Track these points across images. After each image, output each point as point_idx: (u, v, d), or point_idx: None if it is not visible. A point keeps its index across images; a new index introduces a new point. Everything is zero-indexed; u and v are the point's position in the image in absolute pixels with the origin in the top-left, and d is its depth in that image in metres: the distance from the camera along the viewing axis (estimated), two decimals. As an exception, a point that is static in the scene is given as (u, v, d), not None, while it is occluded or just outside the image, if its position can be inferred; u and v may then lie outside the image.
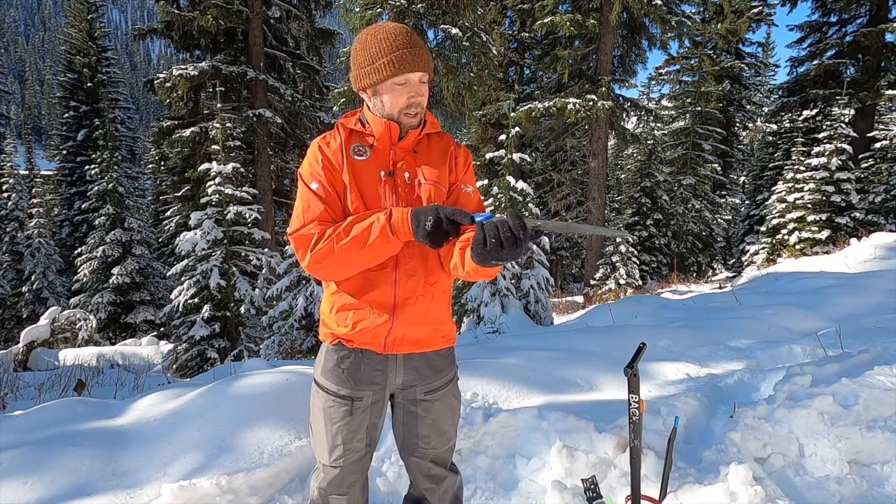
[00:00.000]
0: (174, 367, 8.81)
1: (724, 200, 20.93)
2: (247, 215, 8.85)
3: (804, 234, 12.26)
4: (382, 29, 1.45)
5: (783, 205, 12.84)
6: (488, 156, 9.88)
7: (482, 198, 9.57)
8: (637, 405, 1.85)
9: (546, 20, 13.03)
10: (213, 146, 9.24)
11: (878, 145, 14.92)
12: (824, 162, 12.23)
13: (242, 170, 9.36)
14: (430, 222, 1.30)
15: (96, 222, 16.22)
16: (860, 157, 14.75)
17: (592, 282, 14.14)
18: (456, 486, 1.77)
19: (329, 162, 1.48)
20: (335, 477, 1.61)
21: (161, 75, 12.06)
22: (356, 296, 1.49)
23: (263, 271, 9.01)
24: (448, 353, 1.65)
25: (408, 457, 1.69)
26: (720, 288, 10.49)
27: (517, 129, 10.74)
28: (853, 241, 10.47)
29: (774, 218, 13.03)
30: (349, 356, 1.54)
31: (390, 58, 1.41)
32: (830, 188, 12.15)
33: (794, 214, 12.49)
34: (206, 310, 8.49)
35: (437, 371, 1.60)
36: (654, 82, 28.98)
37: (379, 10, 9.22)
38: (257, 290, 8.80)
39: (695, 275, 18.00)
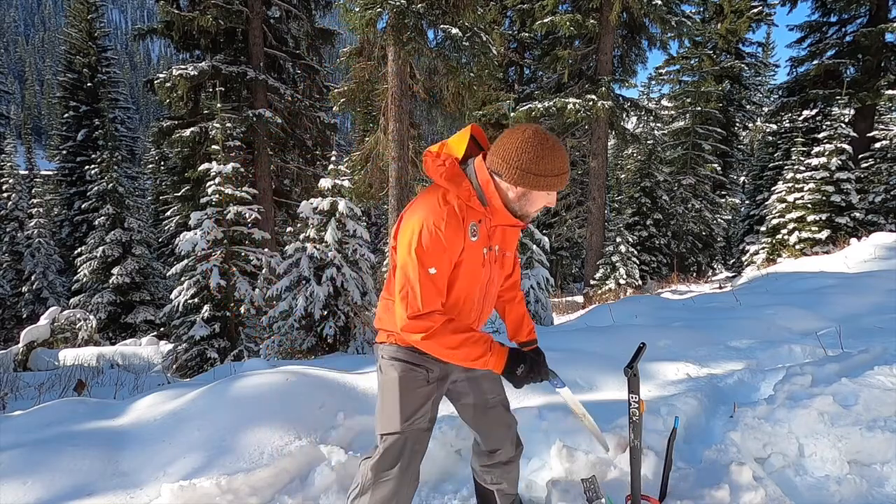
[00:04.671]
0: (174, 367, 8.80)
1: (724, 200, 20.92)
2: (247, 215, 8.84)
3: (804, 234, 12.23)
4: (555, 147, 1.59)
5: (783, 205, 12.81)
6: (488, 156, 9.84)
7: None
8: (637, 405, 1.85)
9: (546, 20, 13.04)
10: (213, 146, 9.23)
11: (878, 145, 14.92)
12: (824, 162, 12.21)
13: (242, 170, 9.34)
14: (519, 384, 1.74)
15: (96, 222, 16.22)
16: (860, 157, 14.75)
17: (592, 282, 14.14)
18: (517, 426, 2.08)
19: (453, 248, 1.61)
20: (397, 442, 1.74)
21: (161, 75, 12.07)
22: None
23: (263, 271, 9.00)
24: None
25: (487, 412, 1.93)
26: (720, 288, 10.48)
27: (517, 129, 10.69)
28: (853, 241, 10.45)
29: (774, 218, 13.01)
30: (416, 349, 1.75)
31: (558, 178, 1.60)
32: (830, 188, 12.13)
33: (794, 214, 12.46)
34: (206, 310, 8.49)
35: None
36: (654, 82, 28.98)
37: (379, 10, 9.20)
38: (257, 290, 8.79)
39: (695, 275, 18.00)
